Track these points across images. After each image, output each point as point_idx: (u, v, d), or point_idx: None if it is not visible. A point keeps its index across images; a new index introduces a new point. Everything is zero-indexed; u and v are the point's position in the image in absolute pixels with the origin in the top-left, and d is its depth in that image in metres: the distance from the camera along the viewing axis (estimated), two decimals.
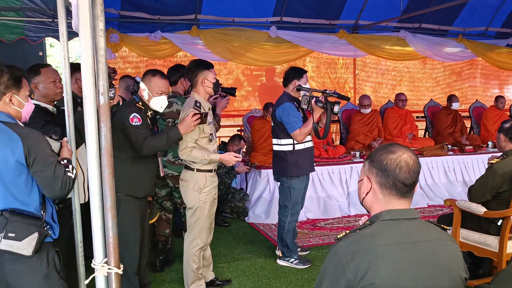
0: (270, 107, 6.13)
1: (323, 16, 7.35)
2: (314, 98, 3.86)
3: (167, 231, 4.11)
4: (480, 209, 3.27)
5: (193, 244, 3.37)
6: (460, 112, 7.41)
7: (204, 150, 3.28)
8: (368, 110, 6.64)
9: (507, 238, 3.17)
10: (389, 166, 1.57)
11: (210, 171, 3.36)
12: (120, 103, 3.22)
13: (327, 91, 3.92)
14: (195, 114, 3.10)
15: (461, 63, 9.16)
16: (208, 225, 3.41)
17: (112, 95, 2.89)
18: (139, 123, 2.98)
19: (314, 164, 4.55)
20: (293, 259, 4.14)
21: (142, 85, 3.14)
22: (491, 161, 3.36)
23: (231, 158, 3.36)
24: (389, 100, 7.64)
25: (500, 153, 3.43)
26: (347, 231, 1.56)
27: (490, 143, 6.81)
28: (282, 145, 4.06)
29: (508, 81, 9.87)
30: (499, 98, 7.43)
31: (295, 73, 4.10)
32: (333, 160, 6.11)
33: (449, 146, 6.63)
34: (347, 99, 4.39)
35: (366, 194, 1.64)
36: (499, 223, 3.26)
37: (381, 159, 1.59)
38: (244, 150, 6.30)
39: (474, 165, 6.54)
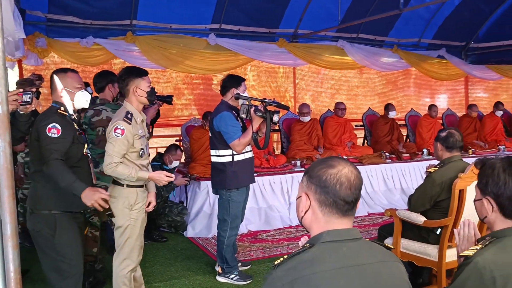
0: (209, 116, 5.96)
1: (262, 25, 7.30)
2: (253, 107, 3.72)
3: (95, 250, 3.79)
4: (419, 219, 3.25)
5: (123, 265, 3.09)
6: (396, 121, 7.57)
7: (132, 165, 3.03)
8: (307, 118, 6.62)
9: (446, 247, 3.16)
10: (329, 182, 1.43)
11: (142, 186, 3.11)
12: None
13: (266, 100, 3.77)
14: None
15: (396, 73, 9.43)
16: (139, 244, 3.15)
17: (28, 100, 2.56)
18: (56, 135, 2.66)
19: (255, 175, 4.44)
20: (233, 275, 3.96)
21: (58, 85, 2.81)
22: (429, 170, 3.36)
23: (162, 177, 3.03)
24: (328, 109, 7.68)
25: (438, 162, 3.44)
26: (285, 257, 1.41)
27: (425, 151, 6.99)
28: (220, 156, 3.89)
29: (439, 91, 10.29)
30: (432, 107, 7.67)
31: (233, 81, 3.96)
32: (274, 170, 6.01)
33: (387, 154, 6.73)
34: (287, 108, 4.25)
35: (305, 213, 1.49)
36: (438, 232, 3.25)
37: (320, 175, 1.45)
38: (182, 161, 6.06)
39: (411, 172, 6.68)
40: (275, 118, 3.76)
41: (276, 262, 1.40)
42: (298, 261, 1.37)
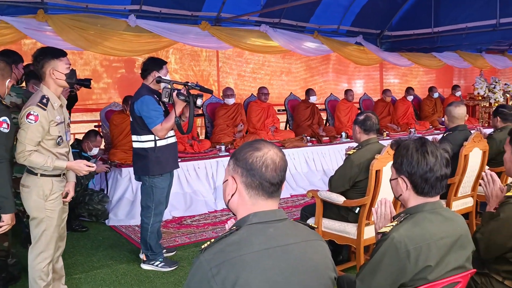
0: (130, 101, 5.77)
1: (185, 7, 7.16)
2: (176, 91, 3.62)
3: (6, 244, 3.53)
4: (339, 199, 3.39)
5: (40, 258, 2.91)
6: (317, 105, 7.80)
7: (48, 154, 2.85)
8: (231, 100, 6.62)
9: (364, 224, 3.33)
10: (255, 164, 1.44)
11: (59, 175, 2.94)
12: None
13: (189, 84, 3.69)
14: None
15: (316, 59, 9.71)
16: (58, 236, 2.99)
17: None
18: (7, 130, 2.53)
19: (179, 160, 4.37)
20: (158, 262, 3.90)
21: None
22: (348, 152, 3.50)
23: (81, 167, 2.89)
24: (251, 93, 7.73)
25: (356, 144, 3.60)
26: (212, 240, 1.40)
27: (343, 134, 7.29)
28: (142, 141, 3.75)
29: (356, 76, 10.76)
30: (348, 91, 8.02)
31: (154, 64, 3.82)
32: (198, 155, 5.97)
33: (308, 137, 6.94)
34: (210, 91, 4.17)
35: (232, 196, 1.50)
36: (357, 211, 3.42)
37: (247, 158, 1.46)
38: (102, 147, 5.83)
39: (331, 155, 6.94)
40: (199, 102, 3.69)
41: (203, 246, 1.40)
42: (225, 244, 1.38)
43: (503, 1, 7.63)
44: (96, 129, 5.92)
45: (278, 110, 8.08)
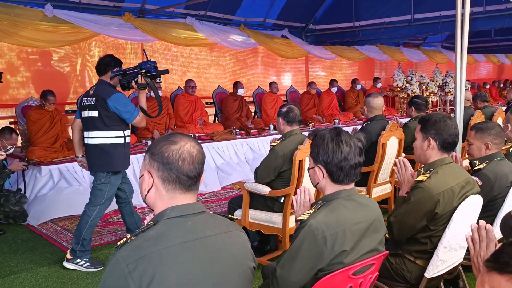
0: (49, 95, 5.51)
1: None
2: (133, 81, 3.57)
3: None
4: (265, 190, 3.45)
5: None
6: (245, 98, 7.86)
7: None
8: None
9: (289, 214, 3.41)
10: (171, 158, 1.43)
11: None
12: None
13: (143, 70, 3.56)
14: None
15: (245, 52, 9.76)
16: None
17: None
18: None
19: None
20: (83, 262, 3.76)
21: None
22: (273, 144, 3.57)
23: None
24: (178, 86, 7.63)
25: (280, 136, 3.67)
26: (128, 236, 1.38)
27: (271, 126, 7.42)
28: (110, 137, 3.67)
29: (284, 69, 10.95)
30: (272, 84, 8.17)
31: (115, 61, 3.78)
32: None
33: (237, 130, 6.98)
34: (166, 72, 4.02)
35: (148, 191, 1.48)
36: (282, 201, 3.49)
37: (162, 151, 1.44)
38: (19, 145, 5.51)
39: (260, 146, 7.03)
40: (158, 80, 3.72)
41: (119, 243, 1.37)
42: (142, 239, 1.36)
43: None
44: (12, 126, 5.59)
45: (207, 103, 8.05)
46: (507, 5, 6.97)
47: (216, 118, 7.93)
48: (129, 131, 3.87)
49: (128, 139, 3.81)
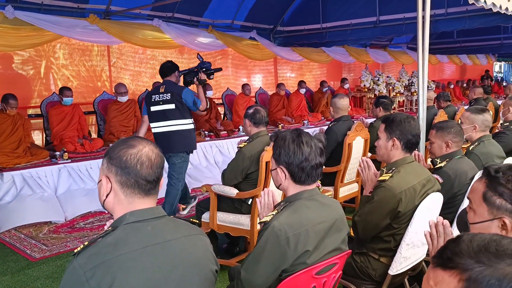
0: (11, 99, 5.39)
1: None
2: (195, 78, 4.65)
3: None
4: (232, 192, 3.44)
5: None
6: (214, 100, 7.83)
7: None
8: (125, 98, 6.42)
9: (256, 215, 3.41)
10: (130, 162, 1.42)
11: None
12: None
13: (203, 69, 4.65)
14: None
15: (214, 53, 9.72)
16: None
17: None
18: None
19: (69, 161, 4.30)
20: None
21: None
22: (240, 145, 3.57)
23: None
24: (146, 89, 7.55)
25: (247, 137, 3.67)
26: (85, 243, 1.35)
27: (241, 128, 7.41)
28: (187, 124, 4.55)
29: (254, 71, 10.97)
30: (245, 86, 8.17)
31: (175, 66, 4.76)
32: (91, 155, 5.71)
33: (206, 132, 6.95)
34: (220, 69, 5.03)
35: (107, 196, 1.46)
36: (249, 202, 3.50)
37: (120, 156, 1.43)
38: None
39: (229, 148, 7.03)
40: (211, 77, 4.76)
41: (76, 250, 1.34)
42: (100, 246, 1.34)
43: (382, 1, 8.25)
44: None
45: None
46: (467, 7, 7.17)
47: None
48: None
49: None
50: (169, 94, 4.46)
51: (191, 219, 1.52)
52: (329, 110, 5.26)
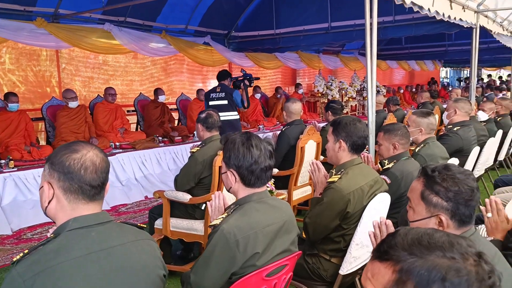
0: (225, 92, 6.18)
1: (16, 1, 6.50)
2: (242, 83, 6.12)
3: None
4: (185, 197, 3.42)
5: None
6: (168, 105, 7.75)
7: None
8: (75, 103, 6.23)
9: (209, 220, 3.39)
10: (73, 167, 1.39)
11: None
12: None
13: (248, 77, 6.17)
14: None
15: (169, 59, 9.63)
16: None
17: None
18: None
19: (15, 169, 4.18)
20: None
21: None
22: (192, 150, 3.55)
23: None
24: (98, 95, 7.37)
25: (199, 142, 3.66)
26: (25, 251, 1.31)
27: (195, 133, 7.36)
28: (235, 115, 6.06)
29: (209, 76, 10.94)
30: (199, 91, 8.15)
31: (228, 73, 6.28)
32: (39, 163, 5.50)
33: (160, 137, 6.86)
34: (258, 78, 6.54)
35: (49, 203, 1.42)
36: (203, 208, 3.48)
37: (63, 161, 1.39)
38: None
39: (184, 154, 6.96)
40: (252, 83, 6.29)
41: (15, 259, 1.29)
42: (42, 253, 1.30)
43: (333, 7, 8.45)
44: None
45: (128, 111, 7.86)
46: (413, 15, 7.46)
47: (139, 126, 7.74)
48: None
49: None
50: (224, 93, 5.99)
51: (139, 224, 1.50)
52: (281, 114, 5.38)
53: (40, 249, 1.31)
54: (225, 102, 5.94)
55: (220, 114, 5.43)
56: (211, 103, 6.00)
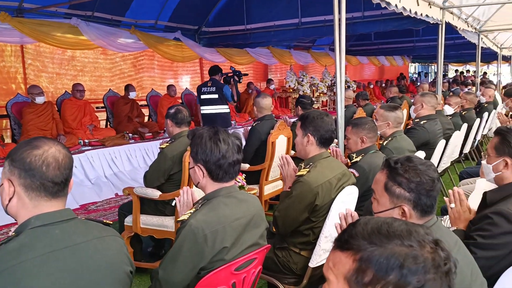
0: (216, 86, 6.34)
1: None
2: (232, 79, 6.38)
3: None
4: (155, 193, 3.39)
5: None
6: (138, 101, 7.66)
7: None
8: (41, 99, 6.06)
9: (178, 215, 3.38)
10: (34, 164, 1.36)
11: None
12: None
13: (237, 73, 6.47)
14: None
15: (139, 54, 9.50)
16: None
17: None
18: None
19: None
20: None
21: None
22: (162, 146, 3.52)
23: None
24: (65, 91, 7.21)
25: (169, 138, 3.63)
26: None
27: (165, 129, 7.30)
28: (225, 109, 6.34)
29: (181, 72, 10.86)
30: (170, 87, 8.07)
31: (219, 68, 6.44)
32: (3, 161, 5.34)
33: (130, 134, 6.78)
34: (246, 74, 7.17)
35: (9, 201, 1.38)
36: (173, 204, 3.45)
37: (24, 157, 1.36)
38: None
39: (154, 150, 6.88)
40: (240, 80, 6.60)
41: None
42: (2, 252, 1.27)
43: (303, 3, 8.49)
44: None
45: (97, 107, 7.72)
46: (381, 11, 7.57)
47: (108, 123, 7.62)
48: None
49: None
50: (214, 88, 6.26)
51: (104, 221, 1.47)
52: (253, 110, 5.39)
53: (1, 248, 1.28)
54: (216, 96, 6.22)
55: (211, 107, 6.24)
56: (202, 96, 6.29)
